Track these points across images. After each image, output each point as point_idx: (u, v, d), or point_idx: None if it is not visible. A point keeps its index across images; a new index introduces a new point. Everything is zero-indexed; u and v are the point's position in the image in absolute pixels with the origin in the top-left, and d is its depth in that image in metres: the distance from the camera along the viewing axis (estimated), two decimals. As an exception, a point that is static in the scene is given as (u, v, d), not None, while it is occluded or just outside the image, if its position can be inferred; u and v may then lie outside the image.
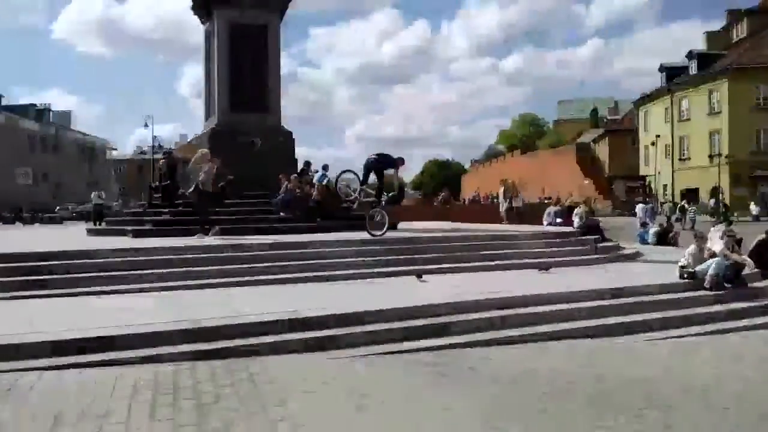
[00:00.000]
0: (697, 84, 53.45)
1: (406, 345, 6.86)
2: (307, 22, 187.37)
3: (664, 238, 18.76)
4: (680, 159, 55.74)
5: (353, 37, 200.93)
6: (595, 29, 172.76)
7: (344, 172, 13.92)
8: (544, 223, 18.56)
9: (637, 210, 26.75)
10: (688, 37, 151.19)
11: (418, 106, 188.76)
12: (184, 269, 9.76)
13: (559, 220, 17.85)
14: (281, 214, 14.50)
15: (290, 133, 17.06)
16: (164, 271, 9.63)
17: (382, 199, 13.07)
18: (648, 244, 18.25)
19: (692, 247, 10.14)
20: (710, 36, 58.86)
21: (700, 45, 59.16)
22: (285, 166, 15.81)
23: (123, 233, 13.56)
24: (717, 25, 64.12)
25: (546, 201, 56.06)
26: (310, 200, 14.65)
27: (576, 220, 15.39)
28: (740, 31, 56.55)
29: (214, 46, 16.63)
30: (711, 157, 51.58)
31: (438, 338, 7.12)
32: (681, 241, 19.08)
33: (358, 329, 7.07)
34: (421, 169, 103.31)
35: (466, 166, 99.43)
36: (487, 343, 7.12)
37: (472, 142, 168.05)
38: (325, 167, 16.99)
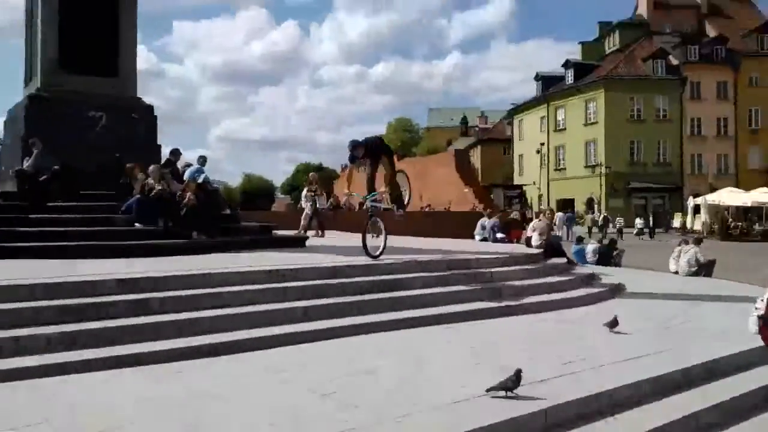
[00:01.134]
0: (573, 94, 53.40)
1: None
2: (170, 15, 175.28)
3: (607, 256, 15.85)
4: (556, 169, 55.54)
5: (219, 33, 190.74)
6: (457, 42, 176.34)
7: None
8: (476, 237, 14.98)
9: (556, 219, 24.39)
10: (541, 54, 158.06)
11: (285, 109, 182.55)
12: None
13: (500, 235, 14.24)
14: (137, 224, 9.66)
15: (151, 108, 12.04)
16: None
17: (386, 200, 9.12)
18: (587, 263, 15.16)
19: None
20: (585, 47, 59.49)
21: (550, 63, 59.88)
22: (143, 154, 10.92)
23: None
24: (566, 46, 65.45)
25: (426, 209, 53.51)
26: (182, 204, 9.87)
27: (535, 237, 11.86)
28: (612, 42, 57.56)
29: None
30: (588, 167, 51.61)
31: None
32: (624, 259, 16.41)
33: None
34: (292, 172, 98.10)
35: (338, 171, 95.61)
36: None
37: (340, 147, 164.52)
38: (203, 160, 12.30)
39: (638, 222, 37.42)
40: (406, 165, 68.63)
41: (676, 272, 13.58)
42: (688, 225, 41.13)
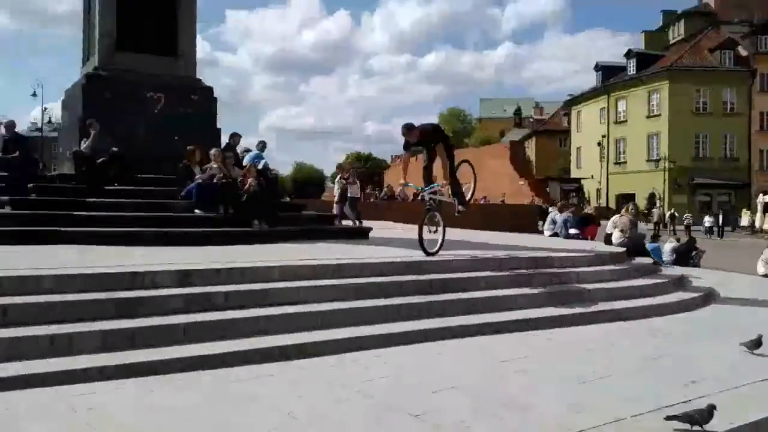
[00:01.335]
0: (635, 85, 51.31)
1: None
2: (223, 4, 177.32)
3: (686, 256, 14.72)
4: (616, 162, 53.60)
5: (272, 23, 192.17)
6: (510, 32, 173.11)
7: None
8: (546, 232, 14.09)
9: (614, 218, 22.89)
10: (596, 45, 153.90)
11: (336, 99, 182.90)
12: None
13: (573, 231, 13.28)
14: (196, 210, 9.19)
15: (210, 90, 11.53)
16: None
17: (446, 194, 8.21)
18: (664, 263, 14.07)
19: None
20: (648, 36, 57.11)
21: (605, 54, 57.67)
22: (202, 137, 10.44)
23: None
24: (621, 37, 63.05)
25: (482, 201, 52.31)
26: (242, 190, 9.34)
27: (616, 235, 10.91)
28: (677, 32, 55.14)
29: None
30: (650, 161, 49.62)
31: None
32: (704, 259, 15.26)
33: None
34: (342, 161, 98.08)
35: (388, 161, 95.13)
36: None
37: (389, 137, 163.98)
38: (262, 145, 11.79)
39: (707, 220, 35.55)
40: (459, 156, 67.95)
41: (765, 275, 12.46)
42: (757, 224, 39.08)
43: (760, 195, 40.31)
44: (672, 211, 39.12)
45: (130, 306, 5.03)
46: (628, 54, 53.50)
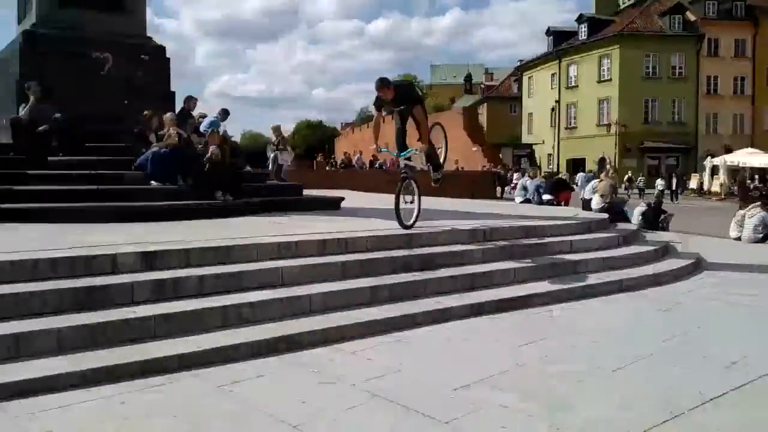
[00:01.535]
0: (587, 50, 51.42)
1: None
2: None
3: (654, 220, 14.54)
4: (567, 127, 53.90)
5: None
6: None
7: None
8: (517, 199, 13.65)
9: (577, 179, 22.88)
10: (542, 9, 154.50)
11: (283, 66, 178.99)
12: None
13: (547, 197, 12.85)
14: (152, 182, 8.32)
15: (163, 50, 10.47)
16: None
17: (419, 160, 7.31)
18: (631, 226, 13.89)
19: None
20: (599, 1, 57.11)
21: (551, 19, 57.66)
22: (155, 101, 9.49)
23: None
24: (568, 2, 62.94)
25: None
26: (204, 158, 8.50)
27: (596, 200, 10.53)
28: (627, -3, 55.33)
29: None
30: (600, 125, 50.04)
31: None
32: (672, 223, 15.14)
33: None
34: (292, 129, 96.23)
35: (338, 128, 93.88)
36: None
37: (339, 104, 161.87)
38: (224, 112, 10.91)
39: (659, 183, 36.03)
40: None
41: (738, 238, 12.36)
42: (705, 186, 39.95)
43: (708, 158, 41.14)
44: (629, 174, 39.56)
45: (89, 297, 4.27)
46: (580, 18, 53.45)
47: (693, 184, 41.64)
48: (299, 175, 19.86)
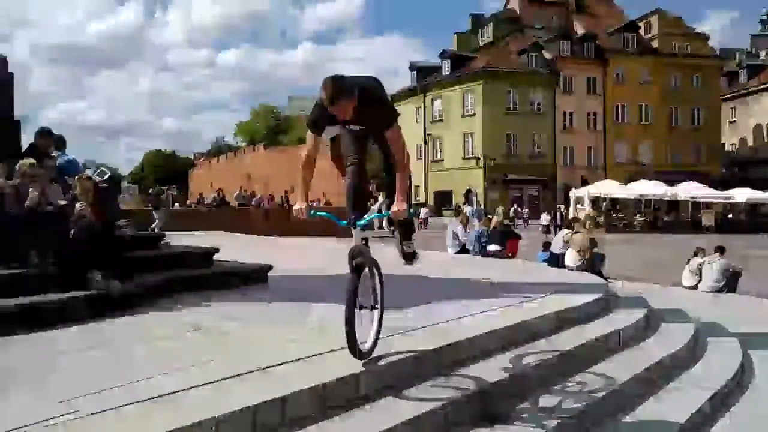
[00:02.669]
0: (452, 84, 51.95)
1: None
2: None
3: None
4: (433, 160, 53.93)
5: (53, 11, 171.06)
6: (310, 33, 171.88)
7: None
8: (449, 250, 11.66)
9: (466, 211, 21.37)
10: (392, 47, 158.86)
11: (128, 93, 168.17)
12: None
13: (493, 247, 10.80)
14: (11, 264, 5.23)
15: (4, 61, 7.19)
16: None
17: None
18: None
19: None
20: (460, 38, 58.23)
21: (405, 57, 58.68)
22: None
23: None
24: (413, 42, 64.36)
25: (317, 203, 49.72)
26: (70, 220, 5.58)
27: (572, 256, 8.74)
28: (485, 35, 56.87)
29: None
30: (466, 158, 50.45)
31: None
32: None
33: None
34: (141, 160, 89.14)
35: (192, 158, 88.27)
36: None
37: (189, 134, 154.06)
38: (61, 141, 7.79)
39: (544, 218, 36.18)
40: (276, 154, 64.42)
41: (693, 287, 11.25)
42: (571, 215, 40.96)
43: (573, 190, 42.45)
44: (514, 206, 39.72)
45: None
46: (443, 54, 54.05)
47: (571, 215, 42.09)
48: (135, 213, 16.76)
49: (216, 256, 7.16)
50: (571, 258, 8.92)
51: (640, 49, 52.96)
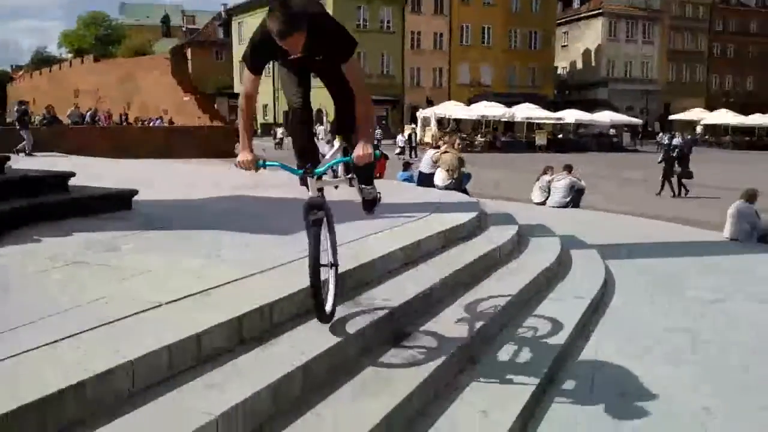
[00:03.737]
0: (301, -3, 50.02)
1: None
2: None
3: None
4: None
5: None
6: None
7: None
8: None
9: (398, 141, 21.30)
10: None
11: None
12: None
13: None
14: None
15: None
16: None
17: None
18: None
19: None
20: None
21: None
22: None
23: None
24: None
25: (149, 123, 47.07)
26: None
27: (441, 176, 8.90)
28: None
29: None
30: (316, 77, 49.46)
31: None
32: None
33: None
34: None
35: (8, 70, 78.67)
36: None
37: (7, 45, 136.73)
38: None
39: (400, 139, 36.44)
40: (109, 67, 59.01)
41: (542, 203, 12.08)
42: (419, 137, 41.96)
43: (420, 110, 43.45)
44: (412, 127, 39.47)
45: None
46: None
47: (428, 137, 41.56)
48: None
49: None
50: (440, 177, 9.13)
51: (485, -30, 54.04)
